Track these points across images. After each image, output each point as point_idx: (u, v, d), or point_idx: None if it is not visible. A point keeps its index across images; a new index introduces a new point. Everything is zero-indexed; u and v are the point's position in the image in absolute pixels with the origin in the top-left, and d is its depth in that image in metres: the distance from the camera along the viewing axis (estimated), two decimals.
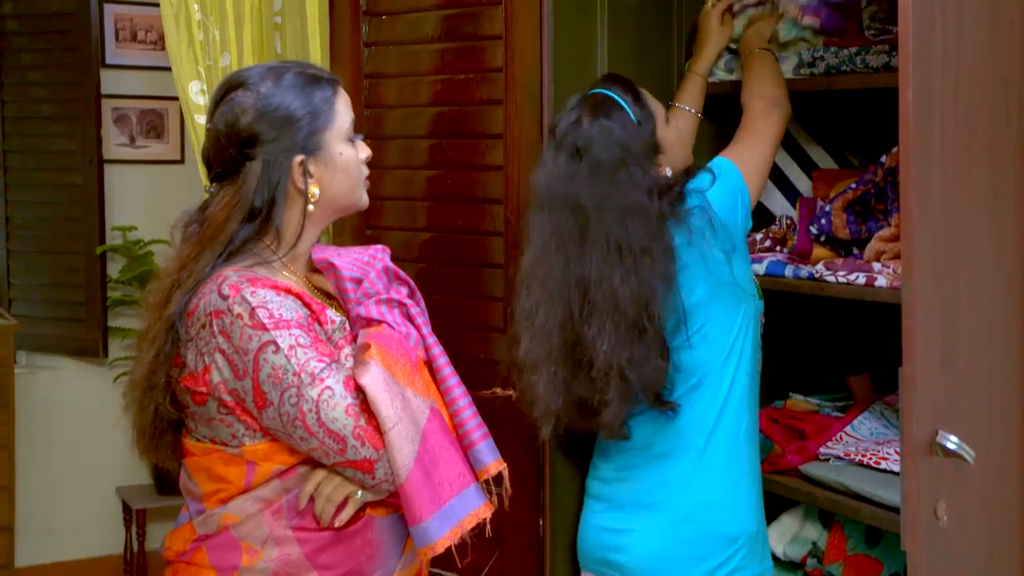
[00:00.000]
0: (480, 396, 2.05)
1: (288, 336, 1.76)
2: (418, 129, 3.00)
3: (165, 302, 1.84)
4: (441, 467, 1.80)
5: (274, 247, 1.89)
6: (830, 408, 2.73)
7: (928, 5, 1.80)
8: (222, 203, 1.87)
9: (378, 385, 1.76)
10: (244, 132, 1.85)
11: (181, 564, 1.90)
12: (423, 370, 1.88)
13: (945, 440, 1.80)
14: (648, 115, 2.35)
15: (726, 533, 2.32)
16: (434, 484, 1.78)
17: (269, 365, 1.76)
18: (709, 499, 2.33)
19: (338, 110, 1.91)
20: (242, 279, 1.80)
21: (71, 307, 4.60)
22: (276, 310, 1.77)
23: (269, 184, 1.85)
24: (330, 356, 1.79)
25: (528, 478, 2.73)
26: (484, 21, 2.86)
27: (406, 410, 1.78)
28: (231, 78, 1.93)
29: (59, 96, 4.60)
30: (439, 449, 1.80)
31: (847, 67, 2.45)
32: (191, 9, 3.10)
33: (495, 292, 2.85)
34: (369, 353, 1.79)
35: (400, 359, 1.82)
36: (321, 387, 1.75)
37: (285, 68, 1.91)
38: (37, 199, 4.66)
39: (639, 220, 2.24)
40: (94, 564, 4.68)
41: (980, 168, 1.93)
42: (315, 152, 1.88)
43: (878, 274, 2.34)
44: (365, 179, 1.96)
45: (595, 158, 2.27)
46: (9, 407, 4.17)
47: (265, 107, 1.85)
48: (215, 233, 1.85)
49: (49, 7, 4.59)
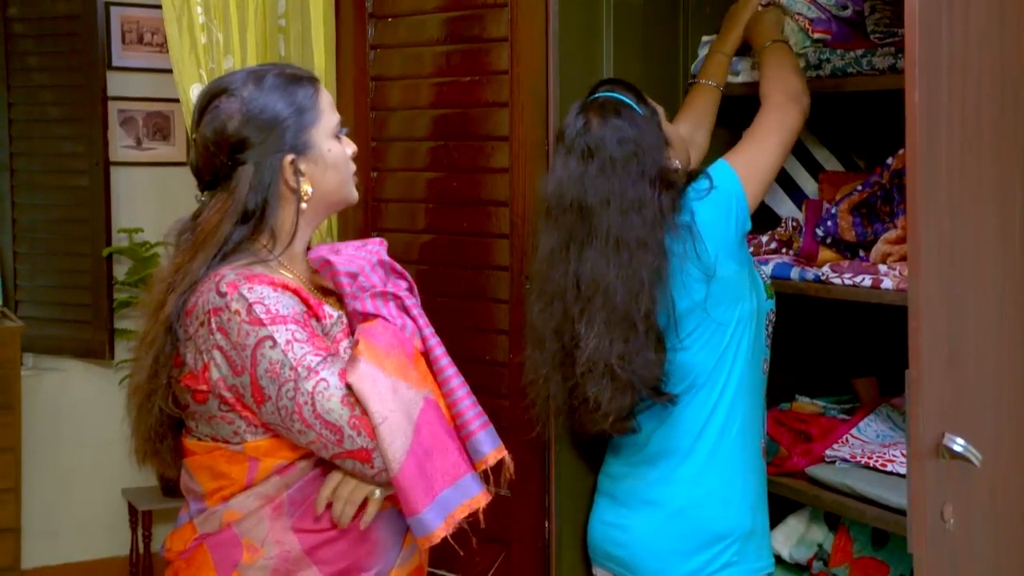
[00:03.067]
0: (484, 400, 2.04)
1: (285, 331, 1.78)
2: (423, 131, 3.00)
3: (160, 305, 1.86)
4: (435, 458, 1.80)
5: (270, 247, 1.91)
6: (836, 410, 2.73)
7: (935, 7, 1.80)
8: (215, 208, 1.89)
9: (365, 381, 1.77)
10: (233, 138, 1.87)
11: (181, 563, 1.91)
12: (419, 361, 1.88)
13: (952, 443, 1.79)
14: (653, 111, 2.38)
15: (716, 529, 2.35)
16: (427, 475, 1.79)
17: (267, 360, 1.77)
18: (700, 496, 2.36)
19: (323, 108, 1.93)
20: (240, 276, 1.82)
21: (77, 309, 4.61)
22: (273, 306, 1.79)
23: (261, 186, 1.87)
24: (326, 350, 1.81)
25: (534, 480, 2.73)
26: (490, 23, 2.86)
27: (398, 403, 1.78)
28: (212, 86, 1.95)
29: (65, 98, 4.61)
30: (432, 440, 1.81)
31: (853, 69, 2.45)
32: (194, 12, 3.10)
33: (500, 295, 2.84)
34: (358, 349, 1.81)
35: (392, 351, 1.82)
36: (316, 379, 1.77)
37: (265, 71, 1.93)
38: (44, 201, 4.67)
39: (640, 214, 2.26)
40: (100, 566, 4.69)
41: (987, 170, 1.93)
42: (304, 151, 1.90)
43: (884, 276, 2.33)
44: (353, 174, 1.99)
45: (607, 155, 2.29)
46: (15, 409, 4.18)
47: (251, 111, 1.87)
48: (208, 237, 1.87)
49: (56, 10, 4.60)
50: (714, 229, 2.31)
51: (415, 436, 1.78)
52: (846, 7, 2.60)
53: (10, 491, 4.17)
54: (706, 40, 2.86)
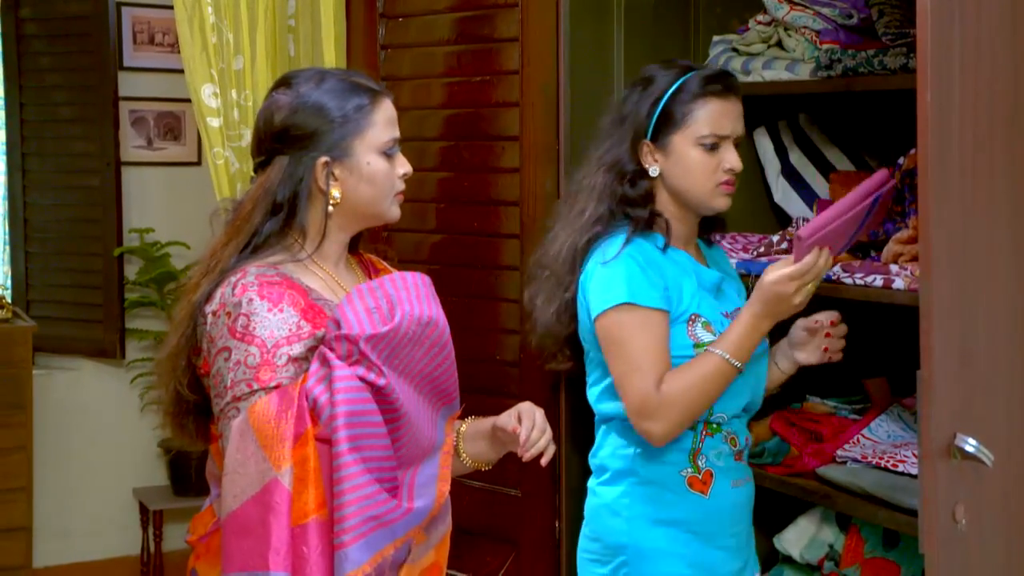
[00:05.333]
0: (494, 400, 2.04)
1: (243, 350, 1.80)
2: (434, 131, 3.00)
3: (195, 287, 1.90)
4: (243, 539, 1.75)
5: (301, 243, 1.93)
6: (847, 411, 2.72)
7: (947, 6, 1.79)
8: (251, 194, 1.94)
9: (234, 433, 1.78)
10: (276, 127, 1.91)
11: (201, 547, 1.94)
12: (305, 444, 1.76)
13: (963, 443, 1.79)
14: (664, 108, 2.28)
15: (611, 543, 2.31)
16: (230, 548, 1.76)
17: (216, 368, 1.83)
18: (601, 506, 2.34)
19: (373, 120, 1.93)
20: (259, 280, 1.83)
21: (89, 309, 4.62)
22: (255, 324, 1.80)
23: (292, 180, 1.90)
24: (268, 382, 1.79)
25: (544, 481, 2.73)
26: (500, 23, 2.86)
27: (250, 467, 1.76)
28: (282, 76, 2.01)
29: (77, 99, 4.62)
30: (249, 522, 1.75)
31: (865, 69, 2.44)
32: (205, 12, 3.11)
33: (510, 294, 2.85)
34: (253, 403, 1.79)
35: (270, 423, 1.76)
36: (235, 405, 1.80)
37: (332, 73, 1.96)
38: (55, 201, 4.68)
39: (607, 175, 2.30)
40: (111, 565, 4.69)
41: (999, 169, 1.92)
42: (341, 157, 1.91)
43: (896, 276, 2.33)
44: (398, 193, 1.98)
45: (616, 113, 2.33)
46: (27, 408, 4.18)
47: (300, 106, 1.91)
48: (241, 224, 1.91)
49: (67, 10, 4.61)
50: (584, 308, 2.32)
51: (240, 508, 1.76)
52: (851, 16, 2.61)
53: (22, 490, 4.18)
54: (717, 40, 2.85)
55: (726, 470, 2.30)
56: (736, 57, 2.78)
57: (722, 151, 2.25)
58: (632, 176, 2.29)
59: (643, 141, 2.27)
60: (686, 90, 2.25)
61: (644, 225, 2.27)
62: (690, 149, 2.25)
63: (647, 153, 2.28)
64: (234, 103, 3.14)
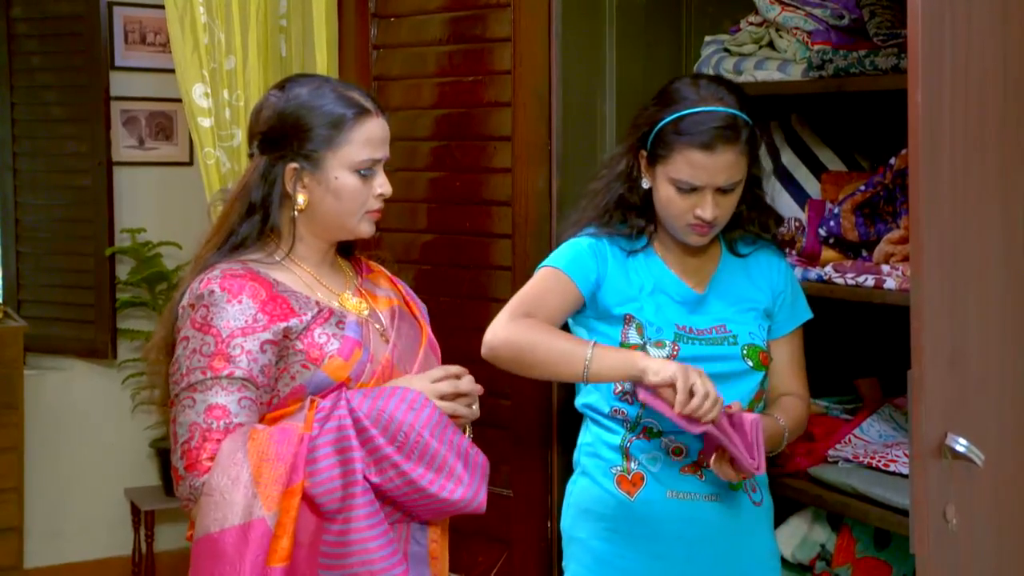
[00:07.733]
0: (486, 400, 2.04)
1: (199, 339, 1.85)
2: (426, 131, 3.00)
3: (180, 285, 1.97)
4: (219, 565, 1.77)
5: (277, 244, 1.98)
6: (839, 410, 2.73)
7: (938, 7, 1.79)
8: (231, 191, 2.00)
9: (225, 451, 1.80)
10: (261, 126, 1.97)
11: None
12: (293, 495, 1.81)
13: (954, 443, 1.79)
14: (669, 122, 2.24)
15: (564, 528, 2.41)
16: (203, 569, 1.79)
17: (176, 355, 1.88)
18: (566, 491, 2.43)
19: (350, 138, 1.94)
20: (223, 273, 1.89)
21: (80, 309, 4.60)
22: (213, 315, 1.85)
23: (266, 181, 1.94)
24: (220, 371, 1.83)
25: (536, 480, 2.73)
26: (492, 23, 2.86)
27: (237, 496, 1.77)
28: (285, 78, 2.06)
29: (69, 98, 4.61)
30: (229, 553, 1.77)
31: (856, 69, 2.45)
32: (196, 12, 3.10)
33: (502, 295, 2.84)
34: (255, 429, 1.83)
35: (268, 461, 1.80)
36: (189, 394, 1.84)
37: (331, 84, 1.99)
38: (46, 201, 4.67)
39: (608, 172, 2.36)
40: (103, 565, 4.68)
41: (990, 169, 1.92)
42: (311, 167, 1.94)
43: (887, 276, 2.33)
44: (372, 211, 1.98)
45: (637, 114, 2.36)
46: (18, 408, 4.18)
47: (284, 110, 1.95)
48: (221, 221, 1.97)
49: (59, 10, 4.59)
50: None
51: (220, 534, 1.78)
52: (842, 16, 2.62)
53: (13, 491, 4.17)
54: (709, 40, 2.86)
55: (662, 478, 2.28)
56: (728, 57, 2.79)
57: (696, 197, 2.20)
58: (631, 184, 2.32)
59: (642, 153, 2.29)
60: (680, 127, 2.19)
61: (637, 232, 2.32)
62: (665, 183, 2.23)
63: (643, 167, 2.29)
64: (225, 103, 3.14)
